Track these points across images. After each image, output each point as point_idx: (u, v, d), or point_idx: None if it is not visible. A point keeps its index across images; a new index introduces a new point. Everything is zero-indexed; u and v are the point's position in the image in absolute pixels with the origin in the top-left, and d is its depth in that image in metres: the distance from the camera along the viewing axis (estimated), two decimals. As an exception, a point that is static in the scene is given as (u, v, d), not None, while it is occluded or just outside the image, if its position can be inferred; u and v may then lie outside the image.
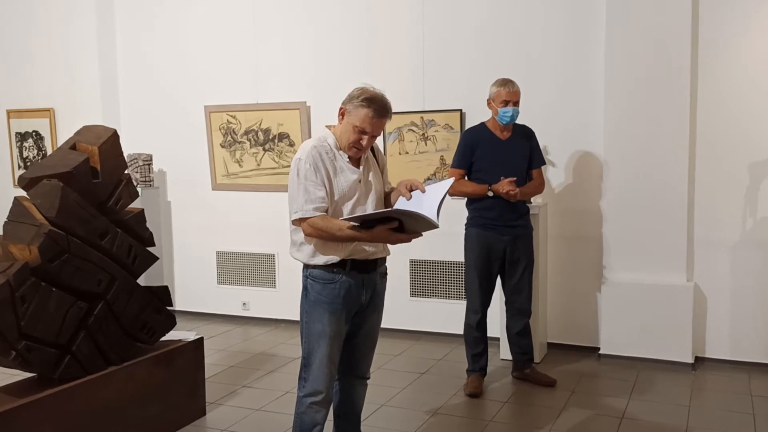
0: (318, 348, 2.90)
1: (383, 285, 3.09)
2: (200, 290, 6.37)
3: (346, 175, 2.88)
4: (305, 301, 2.95)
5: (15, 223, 3.17)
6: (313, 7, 5.77)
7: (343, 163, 2.88)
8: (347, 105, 2.85)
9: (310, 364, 2.93)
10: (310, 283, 2.92)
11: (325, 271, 2.88)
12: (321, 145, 2.87)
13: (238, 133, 6.04)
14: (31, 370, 3.23)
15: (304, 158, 2.82)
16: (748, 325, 4.72)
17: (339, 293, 2.89)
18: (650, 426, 3.82)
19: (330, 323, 2.90)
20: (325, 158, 2.84)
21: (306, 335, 2.94)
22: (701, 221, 4.79)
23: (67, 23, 6.38)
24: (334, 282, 2.88)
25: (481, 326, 4.38)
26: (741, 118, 4.65)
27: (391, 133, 5.48)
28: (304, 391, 2.95)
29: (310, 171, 2.80)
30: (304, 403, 2.95)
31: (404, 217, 2.71)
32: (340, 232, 2.77)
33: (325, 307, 2.89)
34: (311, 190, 2.79)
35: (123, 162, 3.62)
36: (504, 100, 4.18)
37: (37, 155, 6.66)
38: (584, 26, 4.98)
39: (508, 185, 4.14)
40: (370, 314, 3.06)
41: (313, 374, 2.92)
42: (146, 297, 3.66)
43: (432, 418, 3.98)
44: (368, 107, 2.79)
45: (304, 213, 2.80)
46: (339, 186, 2.86)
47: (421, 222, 2.72)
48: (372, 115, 2.79)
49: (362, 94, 2.82)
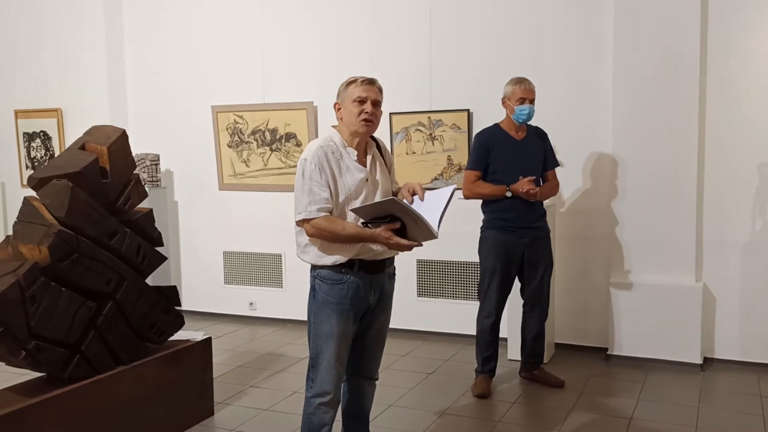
0: (326, 348, 2.90)
1: (391, 285, 3.09)
2: (207, 290, 6.37)
3: (353, 174, 2.87)
4: (313, 302, 2.95)
5: (25, 223, 3.18)
6: (320, 7, 5.77)
7: (351, 162, 2.88)
8: (338, 99, 2.96)
9: (318, 364, 2.92)
10: (318, 284, 2.92)
11: (333, 271, 2.88)
12: (327, 145, 2.87)
13: (245, 133, 6.04)
14: (41, 369, 3.24)
15: (309, 158, 2.83)
16: (757, 325, 4.70)
17: (347, 294, 2.88)
18: (659, 427, 3.81)
19: (338, 324, 2.89)
20: (330, 158, 2.84)
21: (314, 336, 2.94)
22: (710, 222, 4.77)
23: (75, 24, 6.40)
24: (342, 282, 2.88)
25: (495, 330, 4.35)
26: (750, 119, 4.63)
27: (398, 133, 5.48)
28: (311, 392, 2.95)
29: (315, 171, 2.80)
30: (312, 403, 2.95)
31: (407, 217, 2.69)
32: (344, 231, 2.77)
33: (333, 307, 2.89)
34: (315, 191, 2.80)
35: (132, 162, 3.62)
36: (520, 97, 4.15)
37: (45, 155, 6.67)
38: (592, 26, 4.96)
39: (527, 184, 4.09)
40: (379, 315, 3.06)
41: (321, 375, 2.92)
42: (155, 297, 3.66)
43: (440, 418, 3.97)
44: (353, 82, 2.90)
45: (307, 214, 2.80)
46: (345, 185, 2.85)
47: (422, 228, 2.70)
48: (359, 84, 2.89)
49: (344, 83, 2.94)
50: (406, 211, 2.68)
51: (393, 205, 2.69)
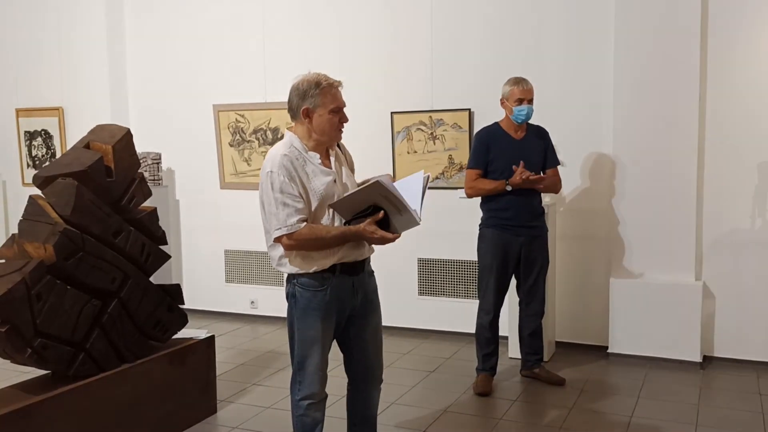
0: (312, 353, 2.87)
1: (373, 283, 3.04)
2: (208, 288, 6.39)
3: (320, 177, 2.78)
4: (294, 309, 2.87)
5: (30, 221, 3.20)
6: (321, 6, 5.78)
7: (315, 166, 2.79)
8: (305, 102, 2.76)
9: (305, 368, 2.89)
10: (299, 291, 2.84)
11: (314, 278, 2.81)
12: (290, 152, 2.76)
13: (247, 132, 6.06)
14: (46, 367, 3.26)
15: (276, 170, 2.71)
16: (756, 324, 4.73)
17: (330, 299, 2.83)
18: (659, 425, 3.83)
19: (323, 329, 2.86)
20: (296, 165, 2.74)
21: (298, 341, 2.88)
22: (710, 220, 4.79)
23: (77, 22, 6.41)
24: (324, 289, 2.82)
25: (494, 327, 4.38)
26: (750, 118, 4.65)
27: (399, 132, 5.50)
28: (300, 395, 2.92)
29: (285, 183, 2.69)
30: (302, 405, 2.92)
31: (389, 204, 2.65)
32: (329, 234, 2.73)
33: (317, 314, 2.83)
34: (290, 203, 2.70)
35: (136, 161, 3.64)
36: (518, 98, 4.17)
37: (46, 154, 6.68)
38: (593, 26, 4.98)
39: (523, 172, 4.06)
40: (371, 314, 3.02)
41: (309, 378, 2.89)
42: (159, 295, 3.68)
43: (441, 416, 3.99)
44: (328, 86, 2.76)
45: (289, 228, 2.70)
46: (315, 190, 2.76)
47: (405, 215, 2.67)
48: (335, 89, 2.78)
49: (311, 84, 2.76)
50: (389, 195, 2.63)
51: (378, 189, 2.64)
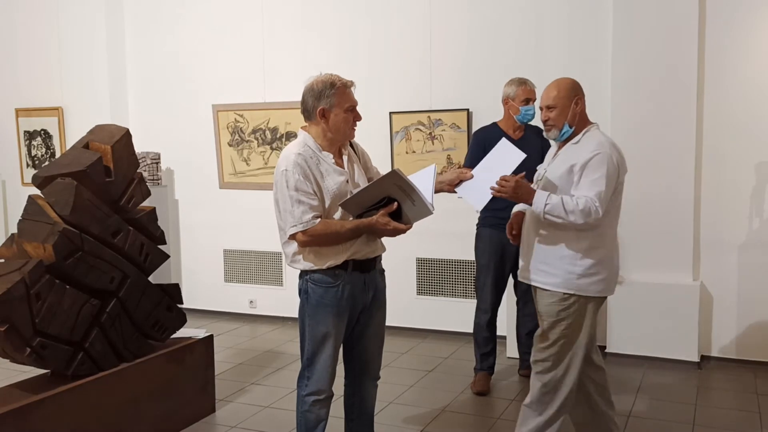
0: (323, 349, 2.89)
1: (383, 282, 3.08)
2: (207, 288, 6.40)
3: (333, 177, 2.83)
4: (307, 305, 2.91)
5: (30, 221, 3.21)
6: (320, 6, 5.79)
7: (329, 165, 2.84)
8: (321, 102, 2.81)
9: (314, 364, 2.91)
10: (312, 287, 2.88)
11: (327, 275, 2.85)
12: (304, 151, 2.81)
13: (246, 131, 6.07)
14: (45, 366, 3.27)
15: (290, 168, 2.77)
16: (754, 324, 4.74)
17: (343, 295, 2.87)
18: (657, 424, 3.85)
19: (335, 325, 2.89)
20: (311, 163, 2.79)
21: (309, 337, 2.91)
22: (708, 221, 4.80)
23: (76, 22, 6.41)
24: (336, 285, 2.86)
25: (491, 326, 4.39)
26: (747, 119, 4.66)
27: (398, 132, 5.51)
28: (306, 390, 2.94)
29: (300, 181, 2.75)
30: (307, 401, 2.94)
31: (403, 194, 2.69)
32: (343, 228, 2.77)
33: (330, 310, 2.87)
34: (305, 200, 2.75)
35: (135, 161, 3.65)
36: (525, 98, 4.19)
37: (46, 154, 6.69)
38: (592, 27, 4.99)
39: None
40: (376, 312, 3.06)
41: (317, 374, 2.92)
42: (158, 295, 3.69)
43: (440, 415, 4.01)
44: (342, 87, 2.82)
45: (305, 225, 2.75)
46: (329, 189, 2.81)
47: (418, 205, 2.71)
48: (349, 89, 2.84)
49: (326, 85, 2.81)
50: (404, 185, 2.67)
51: (393, 178, 2.68)
